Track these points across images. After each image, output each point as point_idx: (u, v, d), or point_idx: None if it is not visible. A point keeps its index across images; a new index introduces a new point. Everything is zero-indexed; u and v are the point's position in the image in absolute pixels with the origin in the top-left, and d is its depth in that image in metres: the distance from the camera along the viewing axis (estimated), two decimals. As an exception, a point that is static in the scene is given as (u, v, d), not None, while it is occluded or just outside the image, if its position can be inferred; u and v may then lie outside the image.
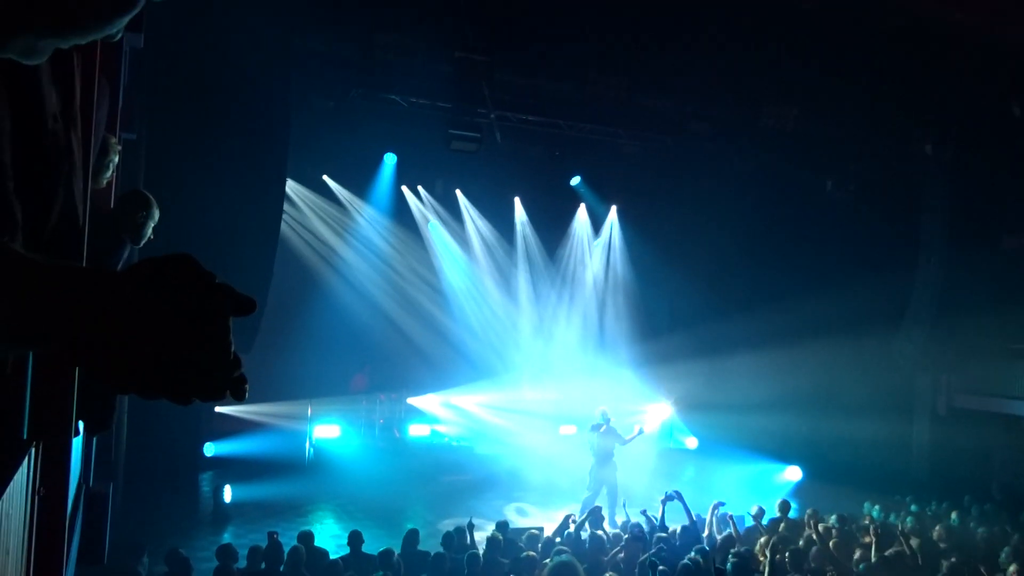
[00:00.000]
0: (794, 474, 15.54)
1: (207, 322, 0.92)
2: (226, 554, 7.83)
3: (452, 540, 8.69)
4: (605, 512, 10.98)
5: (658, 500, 9.92)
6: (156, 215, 4.50)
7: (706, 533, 9.64)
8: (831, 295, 14.94)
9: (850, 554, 8.65)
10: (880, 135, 15.46)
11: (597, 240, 18.52)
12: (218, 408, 13.75)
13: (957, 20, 11.69)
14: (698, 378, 16.01)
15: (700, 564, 7.43)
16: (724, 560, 7.79)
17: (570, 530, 9.43)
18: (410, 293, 17.12)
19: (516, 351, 17.63)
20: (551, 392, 17.04)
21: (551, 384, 17.25)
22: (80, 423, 3.36)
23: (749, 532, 9.63)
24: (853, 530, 9.90)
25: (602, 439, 12.82)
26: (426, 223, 17.27)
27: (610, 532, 9.73)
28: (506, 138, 14.81)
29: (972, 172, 15.48)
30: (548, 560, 7.60)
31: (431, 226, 17.33)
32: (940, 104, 14.38)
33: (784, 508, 10.46)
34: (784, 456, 15.69)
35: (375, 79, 13.04)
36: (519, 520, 11.83)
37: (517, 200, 17.65)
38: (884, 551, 8.49)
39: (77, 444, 3.51)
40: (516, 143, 15.20)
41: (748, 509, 10.30)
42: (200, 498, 13.17)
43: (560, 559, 6.94)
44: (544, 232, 18.01)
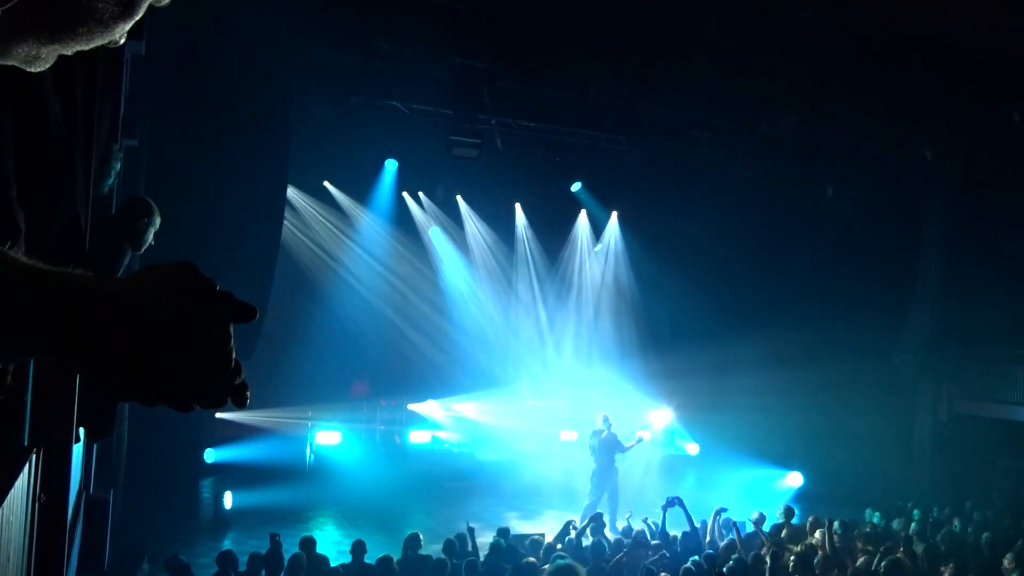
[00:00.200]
0: (795, 480, 15.51)
1: (208, 329, 0.92)
2: (226, 561, 7.81)
3: (454, 546, 8.67)
4: (606, 518, 10.96)
5: (659, 506, 9.91)
6: (157, 222, 4.51)
7: (708, 539, 9.63)
8: (832, 302, 14.96)
9: (852, 560, 8.63)
10: (880, 142, 15.47)
11: (598, 246, 18.52)
12: (219, 414, 13.72)
13: (956, 28, 11.71)
14: (699, 383, 15.99)
15: (703, 568, 7.43)
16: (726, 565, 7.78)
17: (571, 536, 9.41)
18: (411, 299, 17.12)
19: (517, 357, 17.62)
20: (552, 398, 17.04)
21: (552, 390, 17.24)
22: (81, 430, 3.37)
23: (750, 538, 9.61)
24: (855, 536, 9.88)
25: (603, 445, 12.81)
26: (427, 229, 17.28)
27: (612, 538, 9.71)
28: (507, 145, 14.82)
29: (972, 179, 15.50)
30: (546, 566, 7.60)
31: (432, 232, 17.34)
32: (940, 111, 14.39)
33: (788, 514, 10.42)
34: (785, 462, 15.66)
35: (376, 86, 13.06)
36: (520, 526, 11.80)
37: (518, 206, 17.66)
38: (886, 557, 8.47)
39: (78, 451, 3.51)
40: (517, 150, 15.21)
41: (749, 515, 10.28)
42: (200, 504, 13.15)
43: (560, 563, 6.92)
44: (545, 238, 18.01)
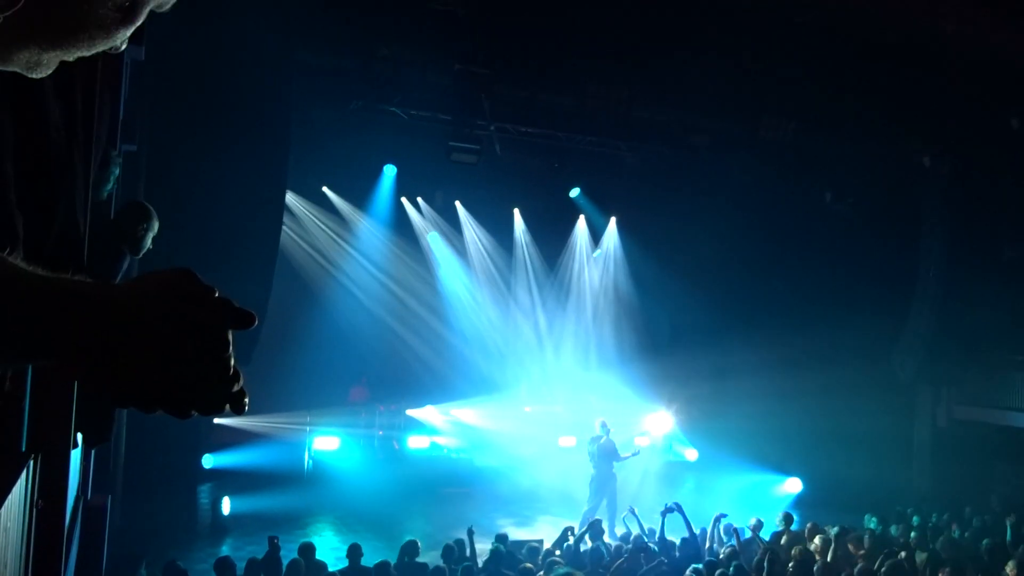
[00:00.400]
0: (794, 486, 15.49)
1: (207, 336, 0.92)
2: (224, 566, 7.80)
3: (452, 553, 8.66)
4: (605, 524, 10.95)
5: (658, 512, 9.89)
6: (156, 227, 4.51)
7: (708, 545, 9.62)
8: (831, 307, 14.96)
9: (852, 566, 8.62)
10: (878, 148, 15.49)
11: (596, 251, 18.53)
12: (217, 420, 13.71)
13: (955, 33, 11.74)
14: (698, 389, 15.98)
15: (702, 574, 7.42)
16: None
17: (569, 542, 9.40)
18: (410, 304, 17.12)
19: (515, 362, 17.61)
20: (550, 403, 17.03)
21: (550, 395, 17.23)
22: (79, 435, 3.36)
23: (748, 544, 9.60)
24: (854, 542, 9.86)
25: (602, 451, 12.81)
26: (426, 234, 17.29)
27: (611, 544, 9.70)
28: (506, 150, 14.84)
29: (971, 184, 15.51)
30: (541, 573, 7.59)
31: (431, 237, 17.35)
32: (938, 116, 14.41)
33: (787, 520, 10.41)
34: (784, 467, 15.65)
35: (375, 91, 13.07)
36: (519, 532, 11.79)
37: (516, 212, 17.66)
38: (885, 563, 8.46)
39: (76, 456, 3.50)
40: (516, 155, 15.23)
41: (748, 521, 10.27)
42: (198, 510, 13.13)
43: (559, 572, 6.92)
44: (543, 244, 18.01)
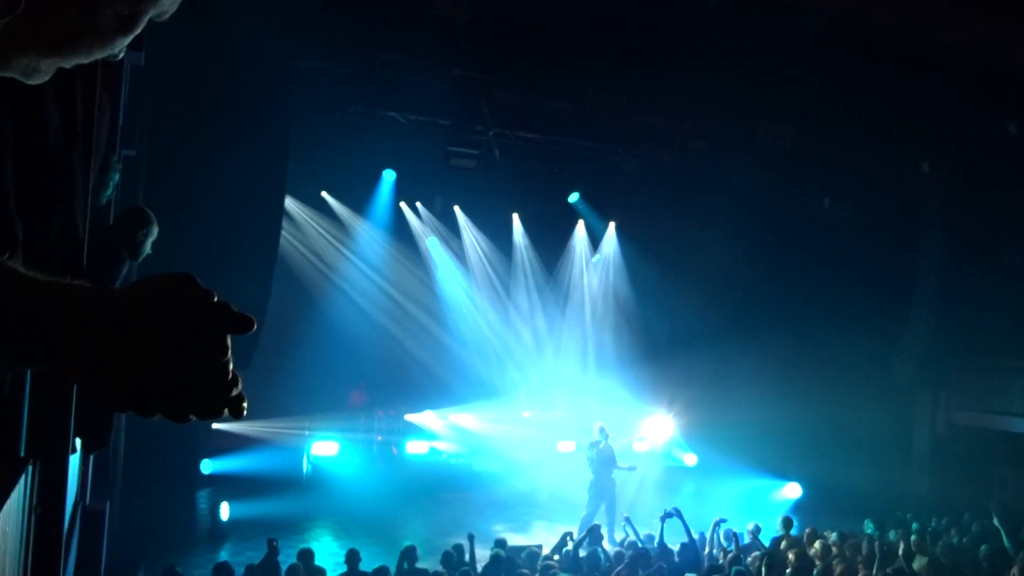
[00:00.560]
0: (794, 491, 15.47)
1: (206, 340, 0.92)
2: (223, 572, 7.78)
3: (451, 559, 8.64)
4: (604, 530, 10.93)
5: (657, 517, 9.88)
6: (155, 231, 4.51)
7: (707, 551, 9.60)
8: (830, 312, 14.96)
9: (852, 571, 8.60)
10: (878, 152, 15.51)
11: (595, 256, 18.53)
12: (215, 425, 13.67)
13: (954, 38, 11.77)
14: (697, 394, 15.98)
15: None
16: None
17: (568, 548, 9.38)
18: (408, 309, 17.11)
19: (514, 367, 17.60)
20: (549, 408, 17.01)
21: (549, 400, 17.22)
22: (78, 440, 3.36)
23: (747, 549, 9.59)
24: (853, 547, 9.85)
25: (601, 456, 12.80)
26: (425, 239, 17.29)
27: (610, 550, 9.68)
28: (505, 155, 14.85)
29: (969, 190, 15.53)
30: None
31: (430, 242, 17.35)
32: (937, 122, 14.44)
33: (787, 525, 10.39)
34: (783, 473, 15.63)
35: (374, 96, 13.09)
36: (518, 538, 11.76)
37: (515, 216, 17.67)
38: (884, 569, 8.45)
39: (74, 461, 3.50)
40: (515, 160, 15.24)
41: (746, 526, 10.25)
42: (197, 515, 13.10)
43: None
44: (542, 248, 18.02)
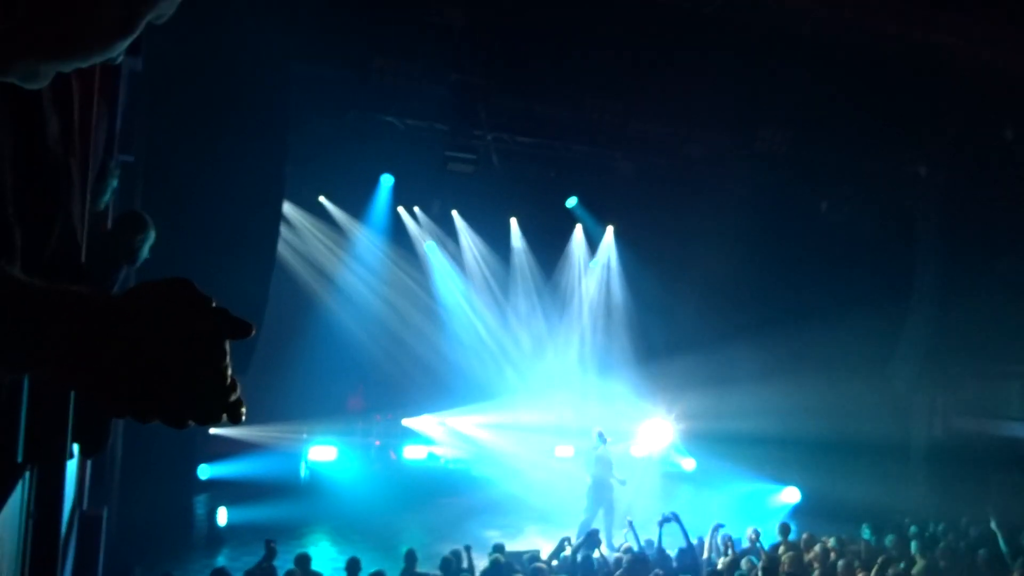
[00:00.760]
0: (792, 495, 15.47)
1: (204, 346, 0.92)
2: (220, 578, 7.78)
3: (450, 564, 8.64)
4: (602, 535, 10.91)
5: (655, 522, 9.88)
6: (152, 236, 4.51)
7: (705, 555, 9.60)
8: (827, 316, 14.95)
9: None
10: (874, 158, 15.54)
11: (593, 261, 18.54)
12: (213, 430, 13.65)
13: (950, 45, 11.80)
14: (695, 398, 15.97)
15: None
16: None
17: (566, 553, 9.38)
18: (406, 314, 17.09)
19: (512, 372, 17.58)
20: (547, 413, 17.00)
21: (548, 405, 17.20)
22: (75, 446, 3.35)
23: (745, 553, 9.58)
24: (851, 552, 9.85)
25: (599, 461, 12.80)
26: (423, 244, 17.29)
27: (609, 555, 9.67)
28: (503, 160, 14.86)
29: (966, 194, 15.56)
30: None
31: (427, 247, 17.35)
32: (933, 127, 14.48)
33: (784, 531, 10.39)
34: (781, 477, 15.63)
35: (372, 101, 13.09)
36: (516, 542, 11.75)
37: (513, 221, 17.67)
38: (882, 574, 8.45)
39: (72, 467, 3.49)
40: (512, 165, 15.25)
41: (745, 531, 10.24)
42: (194, 521, 13.06)
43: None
44: (540, 253, 18.01)
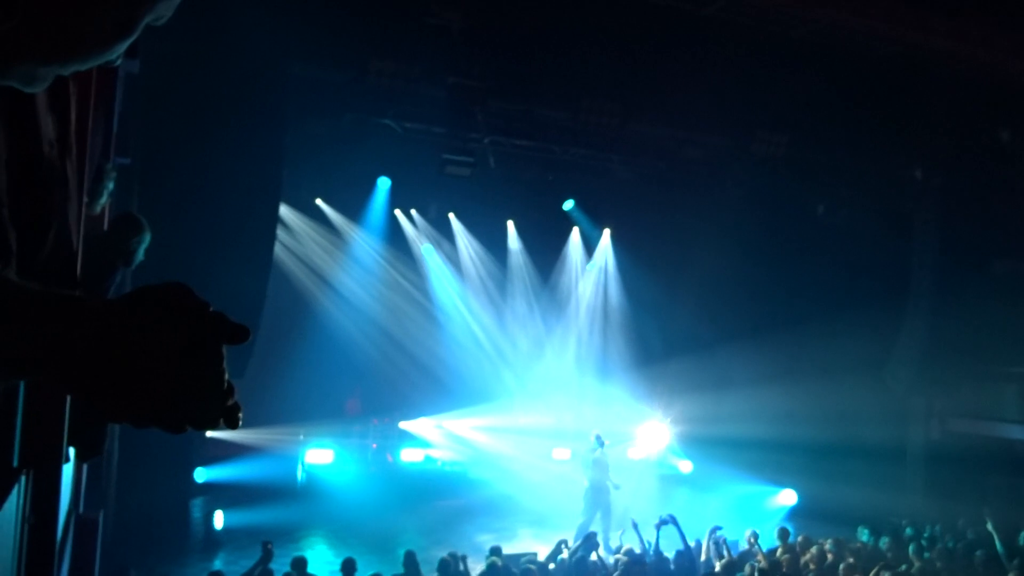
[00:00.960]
0: (789, 498, 15.47)
1: (200, 351, 0.92)
2: (217, 581, 7.76)
3: (448, 567, 8.63)
4: (599, 538, 10.90)
5: (652, 524, 9.87)
6: (148, 239, 4.51)
7: (703, 558, 9.59)
8: (823, 319, 14.98)
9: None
10: (871, 161, 15.57)
11: (590, 264, 18.55)
12: (209, 433, 13.63)
13: (946, 48, 11.83)
14: (692, 401, 15.98)
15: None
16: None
17: (563, 555, 9.37)
18: (403, 317, 17.09)
19: (510, 375, 17.59)
20: (545, 416, 17.00)
21: (544, 408, 17.21)
22: (71, 450, 3.34)
23: (743, 556, 9.58)
24: (847, 555, 9.84)
25: (596, 464, 12.79)
26: (419, 247, 17.29)
27: (608, 558, 9.66)
28: (500, 163, 14.86)
29: (962, 197, 15.60)
30: None
31: (424, 250, 17.35)
32: (930, 130, 14.51)
33: (783, 535, 10.37)
34: (778, 479, 15.63)
35: (369, 104, 13.09)
36: (513, 545, 11.75)
37: (510, 224, 17.69)
38: (881, 573, 8.46)
39: (68, 471, 3.48)
40: (510, 167, 15.26)
41: (742, 534, 10.24)
42: (191, 524, 13.04)
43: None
44: (537, 256, 18.03)
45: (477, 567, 9.05)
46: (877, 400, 16.39)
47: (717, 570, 8.80)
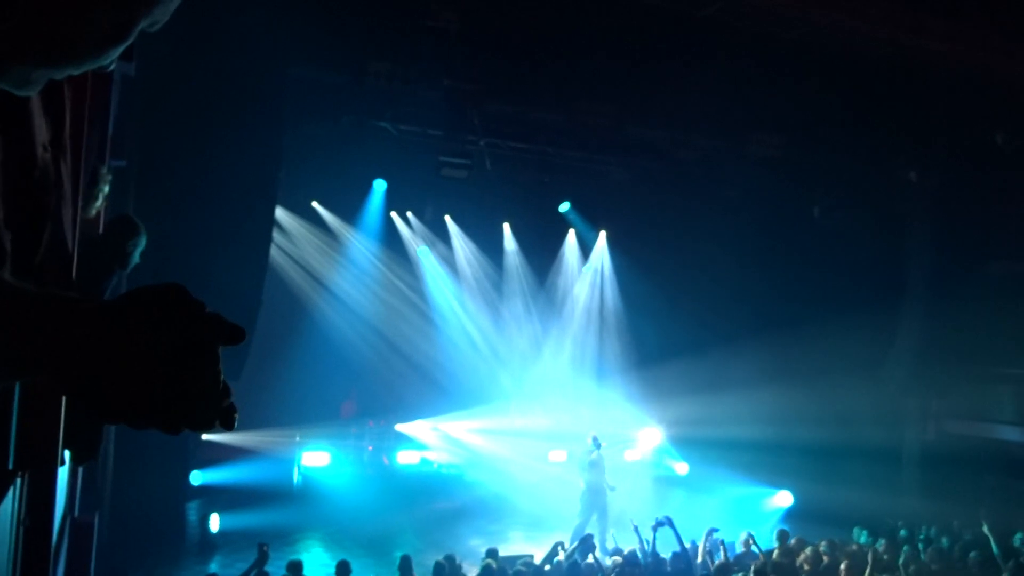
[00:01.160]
0: (785, 499, 15.48)
1: (197, 352, 0.92)
2: (213, 584, 7.75)
3: (443, 570, 8.63)
4: (596, 540, 10.90)
5: (649, 526, 9.87)
6: (143, 241, 4.50)
7: (699, 560, 9.60)
8: (819, 321, 15.00)
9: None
10: (866, 163, 15.60)
11: (586, 265, 18.55)
12: (205, 436, 13.61)
13: (941, 50, 11.86)
14: (687, 402, 15.98)
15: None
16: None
17: (559, 557, 9.36)
18: (399, 319, 17.09)
19: (506, 377, 17.58)
20: (541, 418, 17.00)
21: (541, 410, 17.20)
22: (67, 453, 3.33)
23: (739, 559, 9.58)
24: (843, 555, 9.85)
25: (592, 466, 12.79)
26: (416, 249, 17.28)
27: (604, 560, 9.66)
28: (496, 165, 14.87)
29: (957, 199, 15.64)
30: None
31: (421, 252, 17.35)
32: (925, 132, 14.55)
33: (782, 537, 10.35)
34: (774, 481, 15.63)
35: (366, 106, 13.09)
36: (510, 547, 11.74)
37: (506, 226, 17.69)
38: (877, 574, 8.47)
39: (63, 473, 3.47)
40: (505, 170, 15.26)
41: (738, 536, 10.24)
42: (187, 527, 13.00)
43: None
44: (534, 258, 18.03)
45: (473, 570, 9.05)
46: (872, 401, 16.40)
47: (713, 572, 8.80)
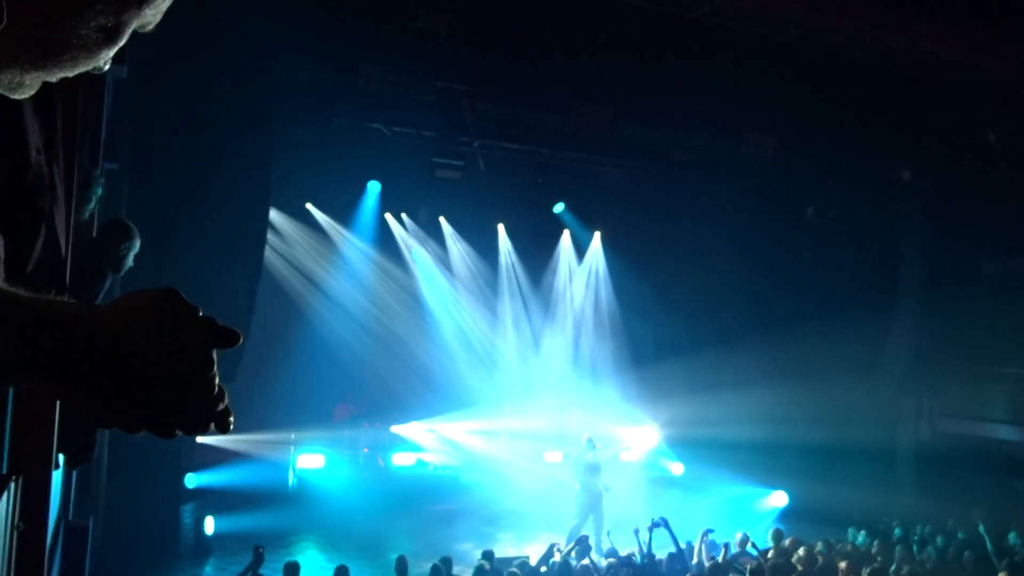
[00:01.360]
0: (780, 499, 15.50)
1: (191, 355, 0.92)
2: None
3: (440, 573, 8.62)
4: (592, 541, 10.91)
5: (645, 527, 9.87)
6: (137, 245, 4.49)
7: (695, 560, 9.61)
8: (813, 321, 15.03)
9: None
10: (859, 163, 15.64)
11: (581, 266, 18.56)
12: (200, 438, 13.56)
13: (933, 50, 11.91)
14: (682, 402, 15.99)
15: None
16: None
17: (555, 559, 9.36)
18: (394, 321, 17.06)
19: (501, 378, 17.56)
20: (536, 419, 16.99)
21: (536, 411, 17.20)
22: (61, 456, 3.32)
23: (736, 559, 9.59)
24: (838, 555, 9.87)
25: (589, 467, 12.79)
26: (410, 251, 17.27)
27: (600, 562, 9.66)
28: (490, 166, 14.86)
29: (950, 199, 15.69)
30: None
31: (415, 253, 17.33)
32: (918, 132, 14.60)
33: (778, 536, 10.37)
34: (769, 481, 15.66)
35: (359, 108, 13.08)
36: (505, 548, 11.73)
37: (501, 227, 17.68)
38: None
39: (57, 477, 3.47)
40: (500, 171, 15.25)
41: (733, 535, 10.25)
42: (181, 530, 12.96)
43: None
44: (528, 259, 18.03)
45: (468, 572, 9.04)
46: (867, 401, 16.44)
47: (708, 572, 8.81)
